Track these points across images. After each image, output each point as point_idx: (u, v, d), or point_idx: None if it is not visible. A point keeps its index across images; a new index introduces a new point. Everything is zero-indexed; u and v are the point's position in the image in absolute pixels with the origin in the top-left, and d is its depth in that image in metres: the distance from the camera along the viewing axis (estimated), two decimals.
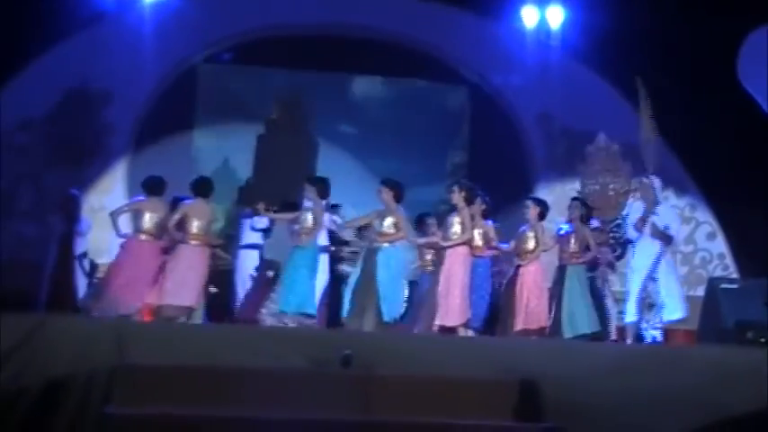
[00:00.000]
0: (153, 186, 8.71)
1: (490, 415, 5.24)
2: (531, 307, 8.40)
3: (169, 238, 8.53)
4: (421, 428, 5.20)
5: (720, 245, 12.51)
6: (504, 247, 8.92)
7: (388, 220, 8.31)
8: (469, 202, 8.55)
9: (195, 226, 8.47)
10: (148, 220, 8.51)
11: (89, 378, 5.29)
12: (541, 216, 8.79)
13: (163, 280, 8.32)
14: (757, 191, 10.91)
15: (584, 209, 8.84)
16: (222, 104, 12.93)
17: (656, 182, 8.76)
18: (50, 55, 11.85)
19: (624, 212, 9.07)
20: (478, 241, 8.69)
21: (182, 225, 8.47)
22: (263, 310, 8.61)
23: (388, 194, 8.37)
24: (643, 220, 8.45)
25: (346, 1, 12.58)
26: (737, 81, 10.90)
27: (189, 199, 8.65)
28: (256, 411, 5.06)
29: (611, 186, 10.75)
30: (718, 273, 11.96)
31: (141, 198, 8.75)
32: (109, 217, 8.74)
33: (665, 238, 8.42)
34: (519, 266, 8.63)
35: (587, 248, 8.69)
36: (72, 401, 5.26)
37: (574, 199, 9.16)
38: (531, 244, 8.63)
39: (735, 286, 8.52)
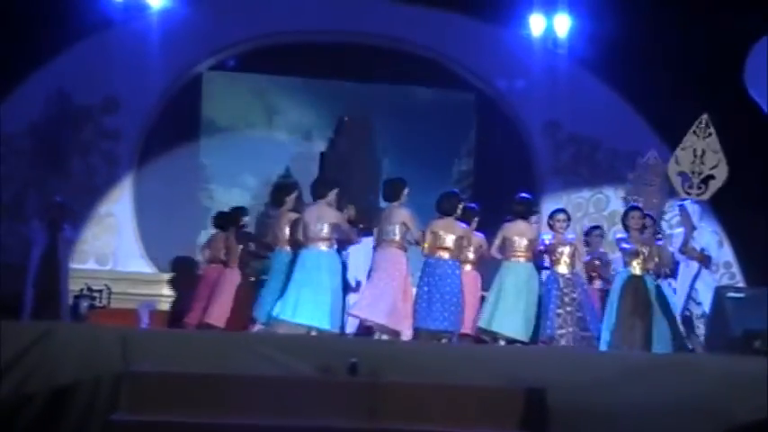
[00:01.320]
0: (219, 222, 10.15)
1: (495, 424, 5.21)
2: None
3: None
4: None
5: (727, 253, 12.45)
6: None
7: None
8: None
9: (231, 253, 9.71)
10: (218, 251, 9.91)
11: (95, 385, 5.29)
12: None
13: (210, 303, 9.52)
14: (764, 199, 10.88)
15: (520, 207, 8.83)
16: (228, 112, 12.94)
17: (694, 208, 9.09)
18: (57, 61, 11.89)
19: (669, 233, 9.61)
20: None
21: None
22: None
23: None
24: (685, 245, 8.97)
25: (352, 9, 12.59)
26: (744, 89, 10.89)
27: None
28: (262, 419, 5.05)
29: (654, 201, 10.88)
30: (725, 282, 11.91)
31: (215, 232, 10.22)
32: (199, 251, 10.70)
33: (704, 259, 8.93)
34: None
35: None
36: (77, 409, 5.26)
37: (517, 199, 9.07)
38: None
39: (742, 295, 8.46)
